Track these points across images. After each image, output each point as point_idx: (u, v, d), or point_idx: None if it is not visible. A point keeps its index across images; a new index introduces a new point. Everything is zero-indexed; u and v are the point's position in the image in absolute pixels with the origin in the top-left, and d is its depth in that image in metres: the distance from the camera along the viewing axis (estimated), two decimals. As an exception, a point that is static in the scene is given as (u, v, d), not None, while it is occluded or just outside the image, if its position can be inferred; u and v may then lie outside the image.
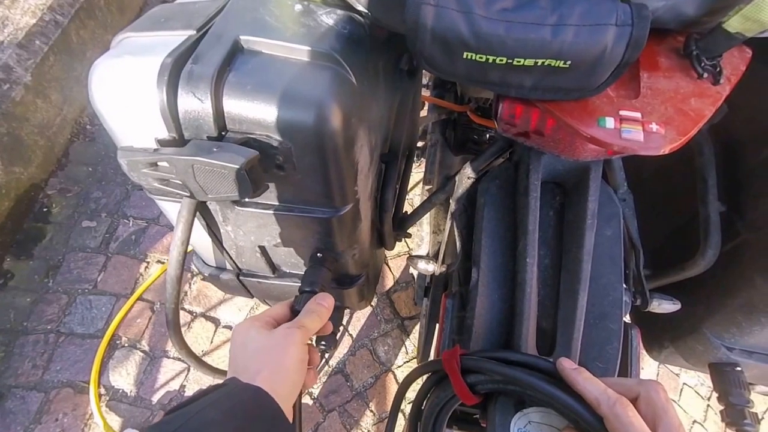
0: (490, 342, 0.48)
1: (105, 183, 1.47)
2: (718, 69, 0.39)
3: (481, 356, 0.42)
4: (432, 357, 0.60)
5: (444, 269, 0.65)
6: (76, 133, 1.56)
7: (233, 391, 0.32)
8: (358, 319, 1.32)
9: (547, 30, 0.31)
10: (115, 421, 1.11)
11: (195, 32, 0.38)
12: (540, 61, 0.32)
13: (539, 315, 0.47)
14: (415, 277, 1.26)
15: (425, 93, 0.96)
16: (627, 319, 0.56)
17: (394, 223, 0.75)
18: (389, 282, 1.40)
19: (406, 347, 1.30)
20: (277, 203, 0.46)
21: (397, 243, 0.88)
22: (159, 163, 0.37)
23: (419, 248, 1.43)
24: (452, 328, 0.56)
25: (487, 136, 0.89)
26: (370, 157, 0.50)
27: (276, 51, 0.37)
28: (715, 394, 0.62)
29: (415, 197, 1.54)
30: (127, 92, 0.38)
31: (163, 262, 1.35)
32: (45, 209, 1.39)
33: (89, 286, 1.28)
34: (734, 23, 0.34)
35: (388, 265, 1.43)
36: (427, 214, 0.80)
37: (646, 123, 0.37)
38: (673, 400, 1.32)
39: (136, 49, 0.38)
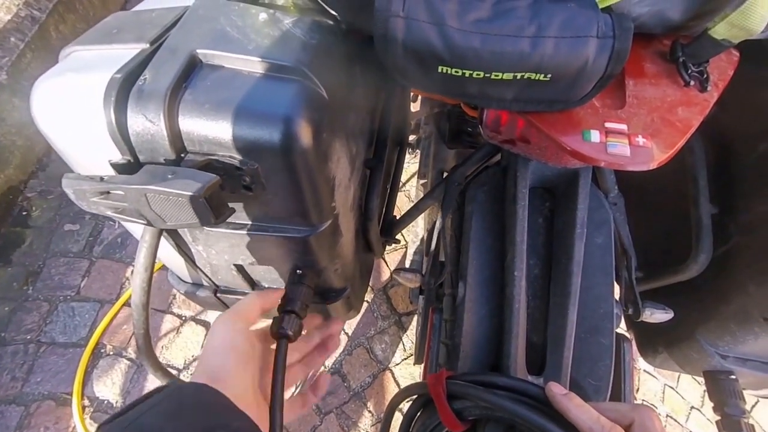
0: (479, 360, 0.46)
1: (87, 184, 1.42)
2: (705, 75, 0.37)
3: (467, 380, 0.40)
4: (421, 372, 0.58)
5: (431, 282, 0.63)
6: (57, 132, 1.50)
7: (173, 391, 0.30)
8: (354, 318, 1.30)
9: (525, 42, 0.29)
10: (99, 432, 1.08)
11: (148, 45, 0.34)
12: (519, 75, 0.30)
13: (529, 329, 0.45)
14: None
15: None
16: (619, 329, 0.54)
17: (383, 229, 0.72)
18: (386, 277, 1.37)
19: (403, 344, 1.28)
20: (248, 222, 0.42)
21: (398, 243, 0.85)
22: (111, 191, 0.33)
23: (414, 244, 1.41)
24: (440, 344, 0.54)
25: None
26: (350, 166, 0.47)
27: (238, 65, 0.33)
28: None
29: (411, 189, 1.51)
30: (74, 113, 0.34)
31: (148, 267, 1.31)
32: (24, 213, 1.35)
33: (72, 292, 1.24)
34: (720, 30, 0.33)
35: (384, 259, 1.40)
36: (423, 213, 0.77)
37: (633, 136, 0.35)
38: (671, 387, 1.32)
39: (83, 64, 0.35)
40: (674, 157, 0.59)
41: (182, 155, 0.34)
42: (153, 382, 1.15)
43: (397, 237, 0.73)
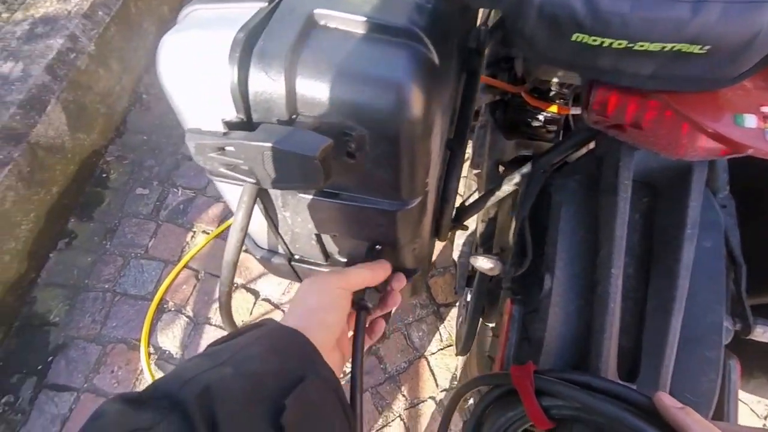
0: (562, 358, 0.44)
1: (158, 152, 1.53)
2: None
3: (559, 378, 0.38)
4: (493, 369, 0.56)
5: (511, 271, 0.60)
6: (133, 101, 1.62)
7: (272, 331, 0.33)
8: (414, 301, 1.31)
9: (685, 7, 0.25)
10: (162, 378, 1.18)
11: (266, 4, 0.36)
12: (669, 46, 0.27)
13: (621, 333, 0.42)
14: (457, 264, 1.23)
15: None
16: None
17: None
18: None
19: (440, 334, 1.28)
20: (341, 192, 0.43)
21: (466, 230, 0.84)
22: (227, 148, 0.35)
23: (463, 236, 1.38)
24: (518, 337, 0.53)
25: (542, 118, 0.82)
26: (441, 144, 0.46)
27: (353, 27, 0.34)
28: None
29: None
30: (196, 68, 0.36)
31: (208, 233, 1.39)
32: (104, 175, 1.47)
33: (141, 250, 1.35)
34: None
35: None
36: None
37: None
38: None
39: (205, 22, 0.37)
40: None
41: (294, 117, 0.35)
42: (208, 339, 1.23)
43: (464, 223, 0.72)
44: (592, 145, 0.53)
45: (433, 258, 1.38)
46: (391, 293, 0.49)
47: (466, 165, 1.51)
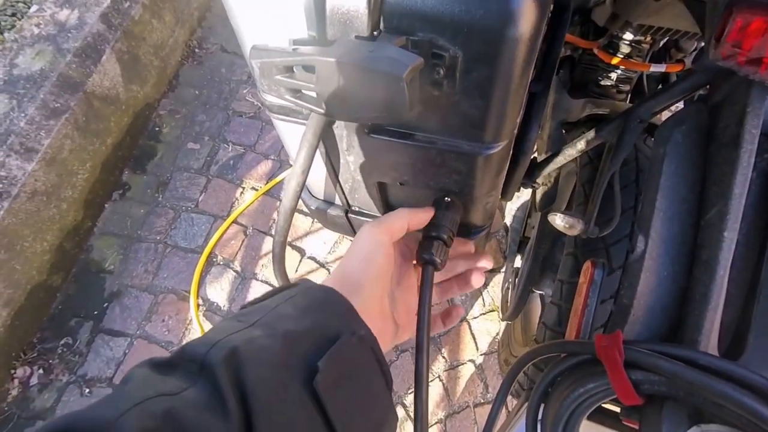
0: (651, 329, 0.40)
1: (209, 107, 1.51)
2: None
3: (654, 350, 0.35)
4: (567, 336, 0.52)
5: (595, 231, 0.54)
6: (186, 56, 1.60)
7: (306, 290, 0.32)
8: None
9: None
10: (210, 330, 1.20)
11: None
12: None
13: (725, 304, 0.38)
14: (509, 228, 1.16)
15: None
16: None
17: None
18: None
19: (483, 299, 1.27)
20: (416, 133, 0.38)
21: (537, 188, 0.80)
22: (296, 69, 0.30)
23: (517, 200, 1.31)
24: (599, 302, 0.49)
25: (614, 77, 0.75)
26: (528, 80, 0.39)
27: None
28: None
29: None
30: None
31: (256, 189, 1.38)
32: (157, 129, 1.48)
33: (192, 204, 1.36)
34: None
35: None
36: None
37: None
38: None
39: None
40: None
41: (376, 33, 0.29)
42: (255, 294, 1.23)
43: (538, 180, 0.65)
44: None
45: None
46: (477, 272, 0.45)
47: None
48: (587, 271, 0.52)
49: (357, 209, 0.56)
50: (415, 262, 0.43)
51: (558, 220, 0.56)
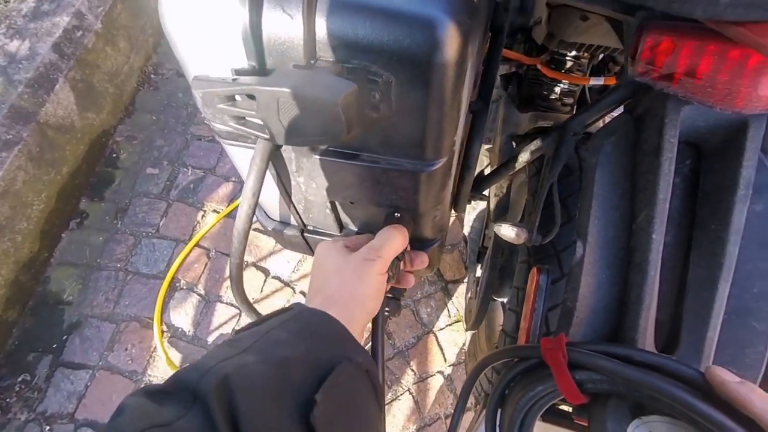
0: (594, 329, 0.42)
1: (167, 132, 1.52)
2: None
3: (595, 350, 0.36)
4: (518, 341, 0.56)
5: (538, 239, 0.58)
6: (142, 81, 1.60)
7: (300, 314, 0.31)
8: (430, 273, 1.31)
9: None
10: (176, 356, 1.19)
11: None
12: None
13: (659, 302, 0.40)
14: (467, 239, 1.21)
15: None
16: None
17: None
18: None
19: (449, 310, 1.29)
20: (361, 153, 0.40)
21: (484, 201, 0.82)
22: (237, 98, 0.33)
23: (473, 211, 1.37)
24: (545, 308, 0.51)
25: (558, 91, 0.80)
26: (467, 101, 0.43)
27: None
28: None
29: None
30: (203, 11, 0.33)
31: (218, 212, 1.39)
32: (114, 155, 1.47)
33: (152, 229, 1.35)
34: None
35: None
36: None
37: None
38: None
39: None
40: None
41: (312, 62, 0.31)
42: (219, 318, 1.24)
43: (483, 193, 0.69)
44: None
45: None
46: (405, 276, 0.47)
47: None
48: (533, 278, 0.54)
49: (312, 228, 0.58)
50: None
51: (503, 230, 0.59)
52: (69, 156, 1.33)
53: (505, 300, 0.93)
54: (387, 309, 0.46)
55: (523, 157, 0.61)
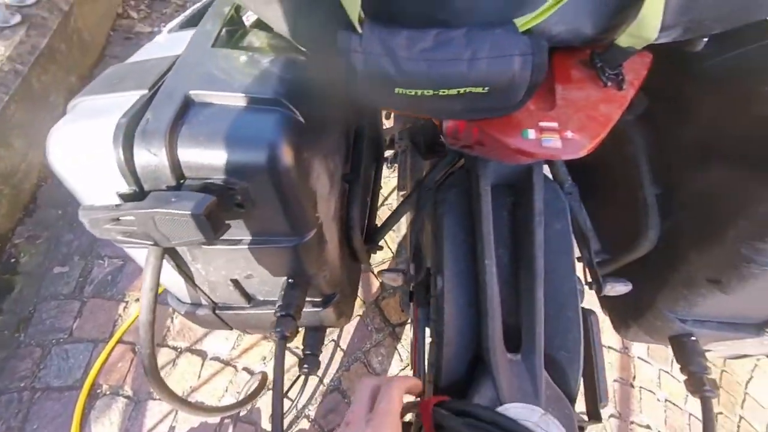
0: (463, 346, 0.49)
1: (76, 225, 1.44)
2: (620, 77, 0.44)
3: (451, 410, 0.40)
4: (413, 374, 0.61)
5: (413, 280, 0.67)
6: (44, 177, 1.53)
7: None
8: (348, 333, 1.32)
9: (463, 64, 0.35)
10: (100, 474, 1.06)
11: (147, 91, 0.40)
12: (462, 90, 0.36)
13: (505, 312, 0.49)
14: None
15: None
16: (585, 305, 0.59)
17: (366, 236, 0.77)
18: (376, 290, 1.40)
19: (399, 354, 1.30)
20: (242, 238, 0.47)
21: (381, 250, 0.90)
22: (121, 218, 0.38)
23: (401, 255, 1.44)
24: (424, 339, 0.58)
25: None
26: (330, 181, 0.52)
27: (225, 101, 0.39)
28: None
29: (393, 202, 1.57)
30: (85, 154, 0.39)
31: (141, 303, 1.32)
32: (13, 260, 1.35)
33: (64, 335, 1.24)
34: (624, 40, 0.39)
35: (373, 273, 1.44)
36: (405, 220, 0.82)
37: (563, 131, 0.42)
38: (666, 372, 1.38)
39: (91, 112, 0.40)
40: (618, 148, 0.63)
41: (181, 181, 0.39)
42: (151, 418, 1.15)
43: (380, 245, 0.79)
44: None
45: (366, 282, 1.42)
46: None
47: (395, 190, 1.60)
48: (414, 312, 0.62)
49: (223, 304, 0.63)
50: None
51: (384, 277, 0.68)
52: (-44, 270, 1.20)
53: None
54: (305, 366, 0.50)
55: (404, 209, 0.71)
